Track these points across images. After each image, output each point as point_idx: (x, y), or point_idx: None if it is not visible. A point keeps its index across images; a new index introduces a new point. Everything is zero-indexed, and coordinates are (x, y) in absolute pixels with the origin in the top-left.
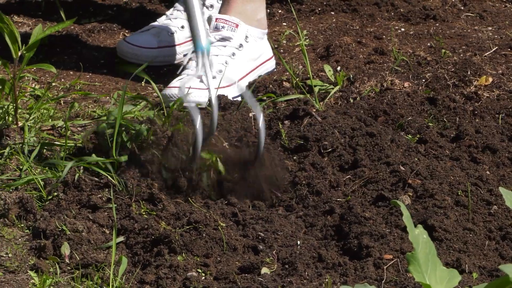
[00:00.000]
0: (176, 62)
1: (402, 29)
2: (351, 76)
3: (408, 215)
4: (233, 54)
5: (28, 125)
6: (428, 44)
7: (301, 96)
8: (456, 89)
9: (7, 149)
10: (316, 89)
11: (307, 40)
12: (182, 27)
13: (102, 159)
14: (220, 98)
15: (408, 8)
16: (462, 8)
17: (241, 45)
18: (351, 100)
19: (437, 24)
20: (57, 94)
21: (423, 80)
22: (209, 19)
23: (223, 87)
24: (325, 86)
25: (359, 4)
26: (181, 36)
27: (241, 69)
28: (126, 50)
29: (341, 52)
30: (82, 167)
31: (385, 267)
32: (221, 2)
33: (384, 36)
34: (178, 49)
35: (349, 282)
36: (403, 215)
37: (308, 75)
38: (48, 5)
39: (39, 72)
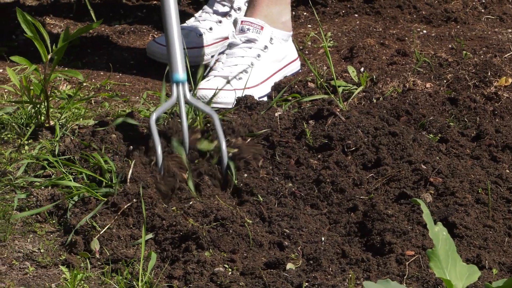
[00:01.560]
0: (204, 63)
1: (424, 31)
2: (374, 77)
3: (428, 213)
4: (258, 55)
5: (59, 124)
6: (450, 45)
7: (326, 96)
8: (476, 90)
9: (39, 147)
10: (340, 90)
11: (331, 42)
12: (211, 29)
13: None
14: (247, 98)
15: (430, 10)
16: (483, 10)
17: (266, 47)
18: (374, 100)
19: (458, 26)
20: (88, 94)
21: (445, 81)
22: (235, 22)
23: (249, 87)
24: (349, 86)
25: (382, 6)
26: (209, 37)
27: (266, 70)
28: (155, 50)
29: (365, 53)
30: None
31: (407, 263)
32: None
33: (406, 38)
34: (206, 50)
35: (372, 278)
36: (423, 213)
37: (332, 76)
38: (79, 7)
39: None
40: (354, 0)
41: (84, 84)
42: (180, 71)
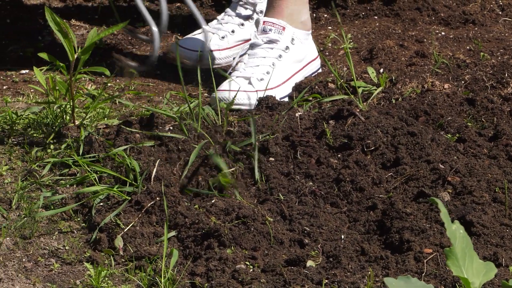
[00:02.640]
0: (225, 65)
1: (443, 33)
2: (393, 77)
3: (446, 212)
4: (280, 56)
5: (84, 123)
6: (467, 47)
7: (346, 96)
8: (494, 91)
9: (64, 146)
10: (359, 90)
11: (351, 43)
12: (233, 31)
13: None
14: (268, 98)
15: (448, 13)
16: (500, 13)
17: (287, 47)
18: (393, 101)
19: (476, 28)
20: (112, 94)
21: (462, 82)
22: (257, 22)
23: (271, 88)
24: (369, 87)
25: (401, 9)
26: (232, 40)
27: (287, 71)
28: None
29: (384, 55)
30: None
31: (425, 261)
32: None
33: (425, 40)
34: (229, 52)
35: (391, 275)
36: (441, 212)
37: (352, 77)
38: (104, 9)
39: (95, 73)
40: (374, 2)
41: (109, 84)
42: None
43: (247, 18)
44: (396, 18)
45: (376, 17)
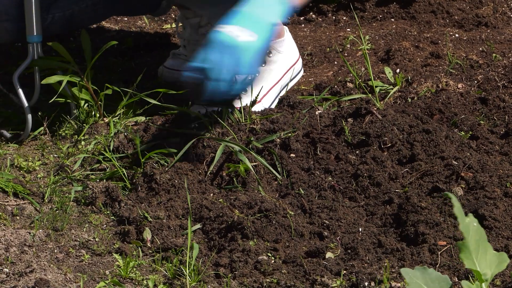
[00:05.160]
0: None
1: (457, 35)
2: (409, 77)
3: (459, 206)
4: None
5: (113, 121)
6: (480, 48)
7: (363, 95)
8: (505, 90)
9: (94, 142)
10: (377, 90)
11: (369, 45)
12: None
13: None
14: (289, 97)
15: (462, 15)
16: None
17: (264, 62)
18: (409, 100)
19: (488, 31)
20: (140, 92)
21: (475, 82)
22: None
23: (256, 103)
24: (385, 86)
25: (417, 12)
26: None
27: (268, 82)
28: (166, 75)
29: (400, 55)
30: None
31: (439, 253)
32: None
33: (439, 41)
34: None
35: (406, 266)
36: (454, 207)
37: (370, 77)
38: None
39: (125, 73)
40: (390, 5)
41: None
42: (34, 32)
43: None
44: (412, 21)
45: (393, 20)
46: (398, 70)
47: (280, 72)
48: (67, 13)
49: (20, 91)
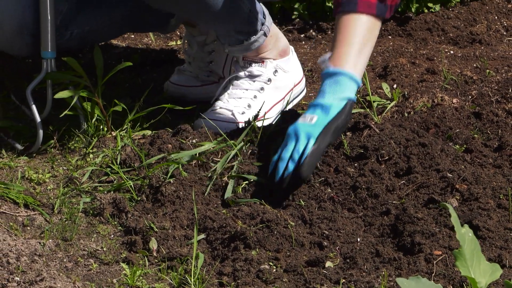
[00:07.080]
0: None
1: (451, 52)
2: (406, 93)
3: (456, 216)
4: (262, 88)
5: (120, 134)
6: (474, 65)
7: (362, 110)
8: (498, 105)
9: (102, 155)
10: (374, 104)
11: None
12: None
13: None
14: (292, 111)
15: (457, 33)
16: (505, 33)
17: (269, 80)
18: (406, 114)
19: (482, 48)
20: (147, 107)
21: (470, 97)
22: (237, 58)
23: (256, 120)
24: (383, 101)
25: (413, 29)
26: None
27: (270, 100)
28: (172, 90)
29: (397, 71)
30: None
31: (435, 262)
32: None
33: (435, 58)
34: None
35: (403, 275)
36: (451, 216)
37: (368, 92)
38: None
39: (132, 88)
40: (388, 23)
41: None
42: (49, 49)
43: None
44: (408, 38)
45: (390, 37)
46: (395, 86)
47: (284, 90)
48: (85, 29)
49: (33, 106)
